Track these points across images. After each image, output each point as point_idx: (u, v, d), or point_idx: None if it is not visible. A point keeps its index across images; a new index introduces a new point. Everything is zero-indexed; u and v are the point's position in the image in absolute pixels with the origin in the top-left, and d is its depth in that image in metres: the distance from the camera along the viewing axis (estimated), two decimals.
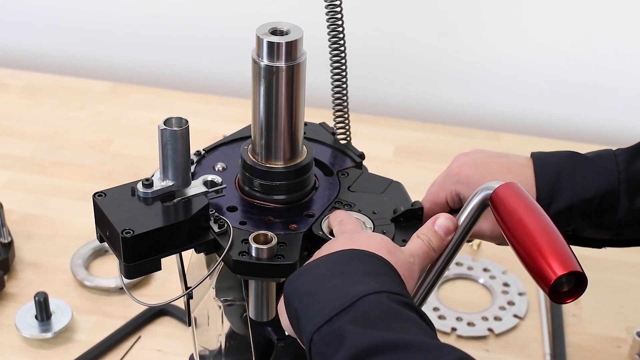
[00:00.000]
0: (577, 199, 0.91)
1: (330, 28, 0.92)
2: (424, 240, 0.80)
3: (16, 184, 1.51)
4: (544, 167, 0.92)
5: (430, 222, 0.82)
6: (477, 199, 0.81)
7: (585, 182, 0.91)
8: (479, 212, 0.81)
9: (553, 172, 0.92)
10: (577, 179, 0.91)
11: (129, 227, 0.80)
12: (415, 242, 0.81)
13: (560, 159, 0.93)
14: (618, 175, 0.91)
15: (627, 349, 1.24)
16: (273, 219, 0.87)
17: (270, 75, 0.83)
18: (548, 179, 0.91)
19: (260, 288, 0.86)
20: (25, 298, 1.27)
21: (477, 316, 1.28)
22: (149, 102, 1.76)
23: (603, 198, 0.91)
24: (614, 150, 0.94)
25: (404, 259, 0.78)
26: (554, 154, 0.94)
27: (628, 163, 0.91)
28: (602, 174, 0.91)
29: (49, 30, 1.90)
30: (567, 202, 0.90)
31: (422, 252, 0.80)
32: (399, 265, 0.76)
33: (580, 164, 0.92)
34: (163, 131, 0.82)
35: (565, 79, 1.76)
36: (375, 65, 1.80)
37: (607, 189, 0.90)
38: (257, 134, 0.88)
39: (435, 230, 0.81)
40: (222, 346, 1.01)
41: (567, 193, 0.91)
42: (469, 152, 0.96)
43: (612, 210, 0.91)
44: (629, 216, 0.91)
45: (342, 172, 0.94)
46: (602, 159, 0.93)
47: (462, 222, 0.82)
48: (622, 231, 0.93)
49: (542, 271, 0.72)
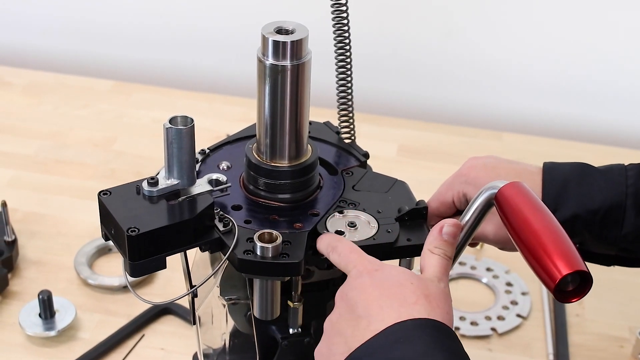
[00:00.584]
0: (582, 209, 0.89)
1: (336, 27, 0.92)
2: (440, 254, 0.78)
3: (20, 182, 1.51)
4: (552, 175, 0.91)
5: (437, 232, 0.79)
6: (482, 198, 0.81)
7: (591, 193, 0.90)
8: (484, 212, 0.81)
9: (560, 180, 0.91)
10: (584, 189, 0.90)
11: (134, 225, 0.80)
12: (433, 259, 0.78)
13: (569, 169, 0.92)
14: (626, 189, 0.90)
15: (630, 349, 1.24)
16: (278, 217, 0.87)
17: (276, 74, 0.83)
18: (554, 187, 0.90)
19: (264, 287, 0.86)
20: (29, 296, 1.27)
21: (480, 316, 1.28)
22: (152, 101, 1.76)
23: (609, 210, 0.89)
24: (626, 165, 0.92)
25: (438, 291, 0.75)
26: (565, 164, 0.93)
27: (638, 178, 0.90)
28: (610, 186, 0.90)
29: (52, 29, 1.90)
30: (572, 212, 0.89)
31: (444, 267, 0.78)
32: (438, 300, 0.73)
33: (589, 175, 0.91)
34: (168, 130, 0.82)
35: (569, 79, 1.76)
36: (378, 65, 1.80)
37: (613, 202, 0.89)
38: (262, 132, 0.88)
39: (445, 240, 0.79)
40: (226, 345, 1.01)
41: (573, 202, 0.90)
42: (482, 156, 0.96)
43: (618, 224, 0.90)
44: (635, 232, 0.90)
45: (347, 171, 0.94)
46: (612, 172, 0.92)
47: (466, 220, 0.82)
48: (628, 247, 0.91)
49: (547, 270, 0.72)
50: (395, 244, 0.85)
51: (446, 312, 0.73)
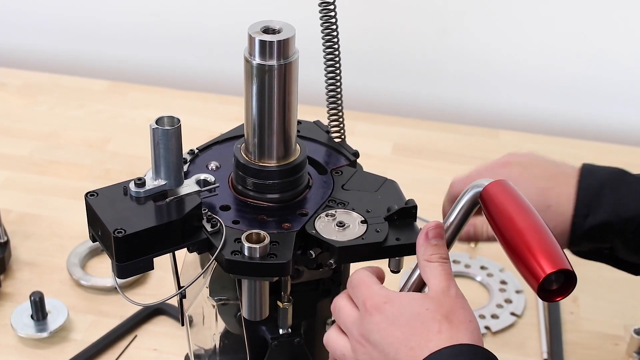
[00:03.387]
0: (615, 216, 0.87)
1: (324, 26, 0.91)
2: (437, 260, 0.78)
3: (14, 183, 1.51)
4: (588, 178, 0.89)
5: (424, 240, 0.80)
6: (468, 197, 0.80)
7: (626, 201, 0.87)
8: (470, 210, 0.81)
9: (596, 185, 0.88)
10: (619, 196, 0.87)
11: (120, 226, 0.80)
12: (433, 269, 0.78)
13: (606, 174, 0.89)
14: None
15: (624, 347, 1.23)
16: (266, 217, 0.87)
17: (263, 74, 0.83)
18: (589, 191, 0.88)
19: (253, 287, 0.86)
20: (21, 298, 1.27)
21: (475, 314, 1.28)
22: (147, 100, 1.76)
23: None
24: None
25: (453, 303, 0.76)
26: (603, 169, 0.90)
27: None
28: None
29: (46, 28, 1.90)
30: (605, 218, 0.87)
31: (446, 272, 0.78)
32: (458, 314, 0.75)
33: (626, 182, 0.89)
34: (155, 130, 0.82)
35: (565, 76, 1.76)
36: (373, 62, 1.80)
37: None
38: (250, 132, 0.87)
39: (435, 244, 0.79)
40: (216, 345, 1.01)
41: (606, 208, 0.87)
42: (522, 153, 0.93)
43: None
44: None
45: (336, 171, 0.93)
46: None
47: (452, 220, 0.81)
48: None
49: (531, 269, 0.72)
50: (384, 243, 0.84)
51: (469, 322, 0.75)
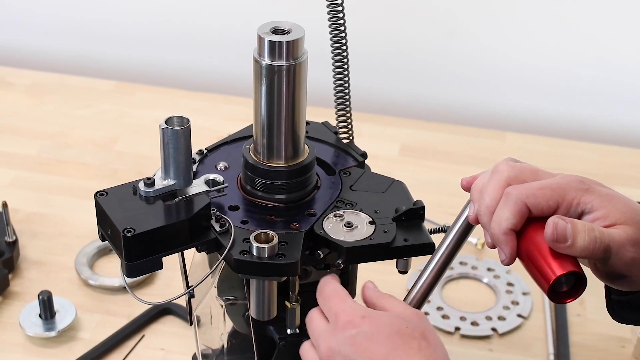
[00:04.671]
0: None
1: (332, 27, 0.92)
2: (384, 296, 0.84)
3: (21, 182, 1.51)
4: None
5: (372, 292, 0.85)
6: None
7: None
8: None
9: None
10: None
11: (130, 226, 0.80)
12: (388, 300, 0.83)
13: None
14: None
15: (631, 349, 1.23)
16: (275, 218, 0.87)
17: (272, 74, 0.83)
18: None
19: (261, 287, 0.86)
20: (30, 297, 1.27)
21: (481, 316, 1.28)
22: (154, 100, 1.76)
23: None
24: None
25: (420, 320, 0.80)
26: None
27: None
28: None
29: (54, 29, 1.91)
30: None
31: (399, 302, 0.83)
32: (429, 331, 0.79)
33: None
34: (164, 130, 0.82)
35: (572, 78, 1.76)
36: (381, 64, 1.80)
37: None
38: (258, 133, 0.88)
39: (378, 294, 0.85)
40: (224, 345, 1.01)
41: None
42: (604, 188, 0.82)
43: None
44: None
45: (344, 171, 0.94)
46: None
47: (454, 232, 0.83)
48: None
49: (541, 271, 0.72)
50: (392, 244, 0.84)
51: (441, 344, 0.79)
